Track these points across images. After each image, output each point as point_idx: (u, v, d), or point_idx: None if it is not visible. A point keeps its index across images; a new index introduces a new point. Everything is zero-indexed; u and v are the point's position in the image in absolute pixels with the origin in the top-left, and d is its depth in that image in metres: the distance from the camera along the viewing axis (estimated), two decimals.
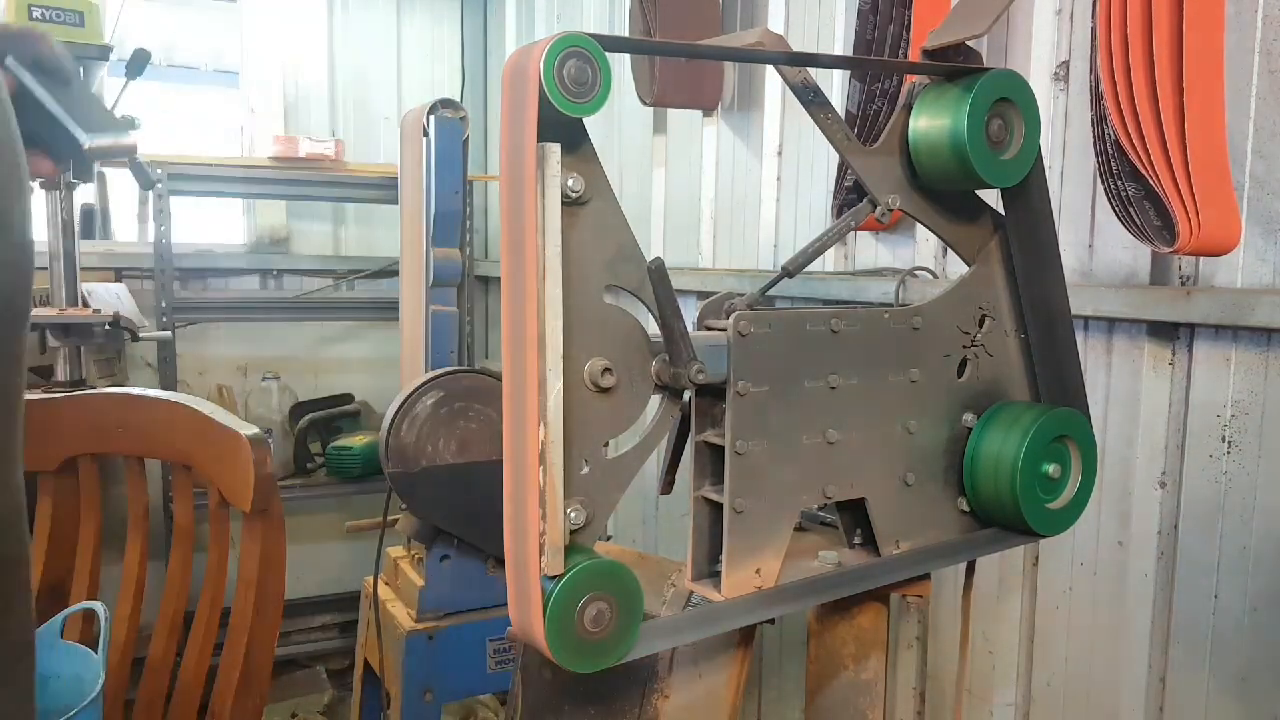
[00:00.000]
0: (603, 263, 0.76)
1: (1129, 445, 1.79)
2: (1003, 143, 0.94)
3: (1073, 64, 1.87)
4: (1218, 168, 1.48)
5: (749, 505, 0.85)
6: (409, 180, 3.49)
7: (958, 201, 1.00)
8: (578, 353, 0.74)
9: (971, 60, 0.94)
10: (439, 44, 4.68)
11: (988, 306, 1.01)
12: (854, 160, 0.94)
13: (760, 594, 0.87)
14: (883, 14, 2.13)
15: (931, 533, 0.99)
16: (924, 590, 1.02)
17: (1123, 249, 1.78)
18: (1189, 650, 1.71)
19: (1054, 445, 0.99)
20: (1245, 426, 1.61)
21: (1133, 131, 1.48)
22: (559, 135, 0.71)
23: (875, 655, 1.03)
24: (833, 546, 0.96)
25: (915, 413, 0.96)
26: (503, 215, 0.74)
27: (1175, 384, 1.70)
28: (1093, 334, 1.85)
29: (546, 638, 0.71)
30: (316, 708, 3.59)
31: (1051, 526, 1.00)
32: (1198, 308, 1.58)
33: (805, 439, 0.88)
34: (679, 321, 0.77)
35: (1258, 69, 1.56)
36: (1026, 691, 2.04)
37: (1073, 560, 1.91)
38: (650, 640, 0.78)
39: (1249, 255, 1.59)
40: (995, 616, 2.07)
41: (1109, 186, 1.57)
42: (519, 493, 0.73)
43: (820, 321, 0.88)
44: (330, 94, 4.40)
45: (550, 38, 0.68)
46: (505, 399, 0.74)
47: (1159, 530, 1.73)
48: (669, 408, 0.82)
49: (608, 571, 0.73)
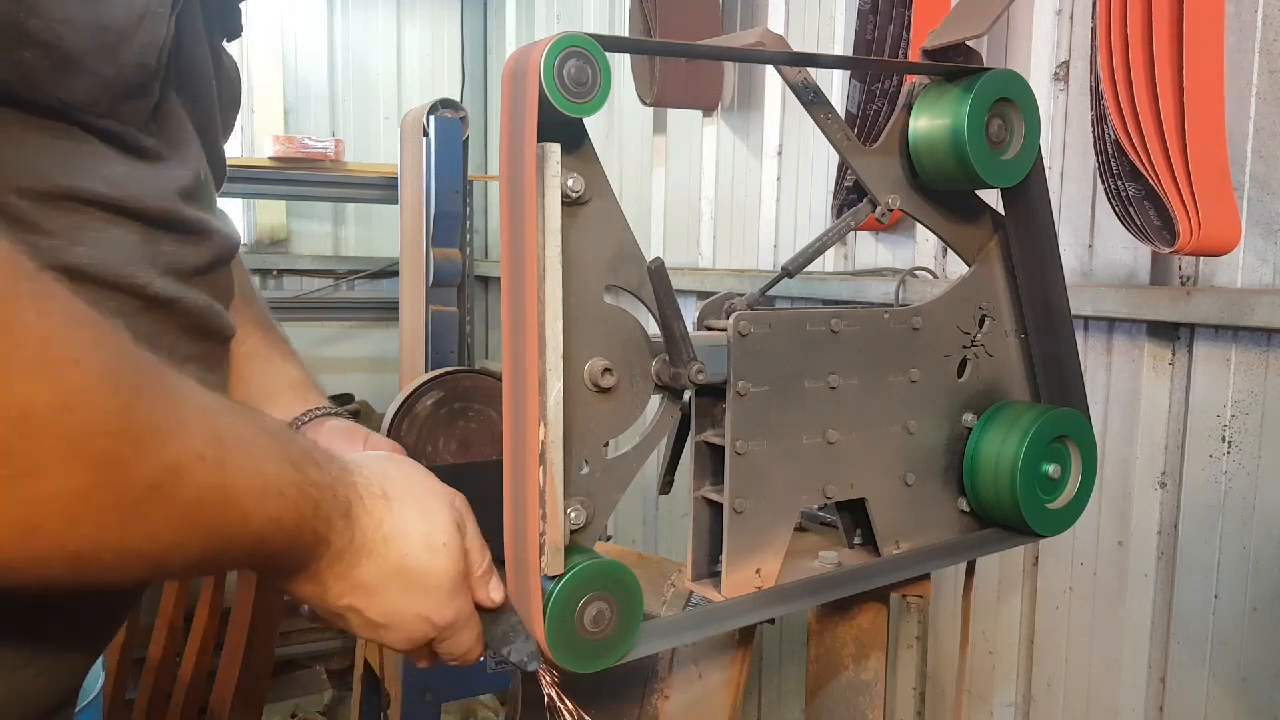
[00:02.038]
0: (603, 263, 0.76)
1: (1129, 445, 1.79)
2: (1003, 143, 0.94)
3: (1073, 64, 1.87)
4: (1218, 168, 1.48)
5: (749, 505, 0.85)
6: (409, 180, 3.49)
7: (958, 201, 1.00)
8: (578, 353, 0.74)
9: (971, 60, 0.94)
10: (439, 44, 4.68)
11: (988, 306, 1.01)
12: (854, 160, 0.94)
13: (760, 594, 0.87)
14: (883, 14, 2.13)
15: (931, 533, 0.99)
16: (924, 590, 1.02)
17: (1123, 249, 1.78)
18: (1189, 650, 1.71)
19: (1054, 445, 0.99)
20: (1245, 426, 1.61)
21: (1133, 131, 1.48)
22: (559, 135, 0.71)
23: (875, 655, 1.03)
24: (833, 546, 0.96)
25: (915, 413, 0.95)
26: (503, 215, 0.74)
27: (1175, 384, 1.70)
28: (1093, 334, 1.85)
29: (547, 638, 0.71)
30: (316, 708, 3.59)
31: (1051, 526, 1.00)
32: (1198, 308, 1.58)
33: (805, 439, 0.88)
34: (679, 321, 0.77)
35: (1258, 69, 1.57)
36: (1026, 691, 2.04)
37: (1073, 560, 1.91)
38: (650, 640, 0.78)
39: (1249, 255, 1.59)
40: (995, 616, 2.07)
41: (1109, 186, 1.57)
42: (519, 493, 0.73)
43: (820, 321, 0.88)
44: (330, 94, 4.40)
45: (550, 38, 0.68)
46: (505, 399, 0.74)
47: (1159, 530, 1.73)
48: (669, 408, 0.82)
49: (608, 571, 0.73)
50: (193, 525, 0.54)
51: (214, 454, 0.54)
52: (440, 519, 0.72)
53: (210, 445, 0.54)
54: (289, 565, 0.64)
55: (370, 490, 0.68)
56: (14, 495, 0.46)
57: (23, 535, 0.47)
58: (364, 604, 0.68)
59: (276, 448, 0.61)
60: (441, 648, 0.75)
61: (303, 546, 0.63)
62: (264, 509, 0.58)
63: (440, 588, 0.71)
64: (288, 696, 3.59)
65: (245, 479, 0.57)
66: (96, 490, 0.49)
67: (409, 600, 0.70)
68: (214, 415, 0.56)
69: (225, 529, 0.57)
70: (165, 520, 0.53)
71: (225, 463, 0.55)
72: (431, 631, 0.72)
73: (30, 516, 0.47)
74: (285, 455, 0.61)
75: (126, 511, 0.50)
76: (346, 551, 0.66)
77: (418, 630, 0.71)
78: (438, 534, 0.71)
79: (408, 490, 0.71)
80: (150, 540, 0.53)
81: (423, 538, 0.70)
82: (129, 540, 0.52)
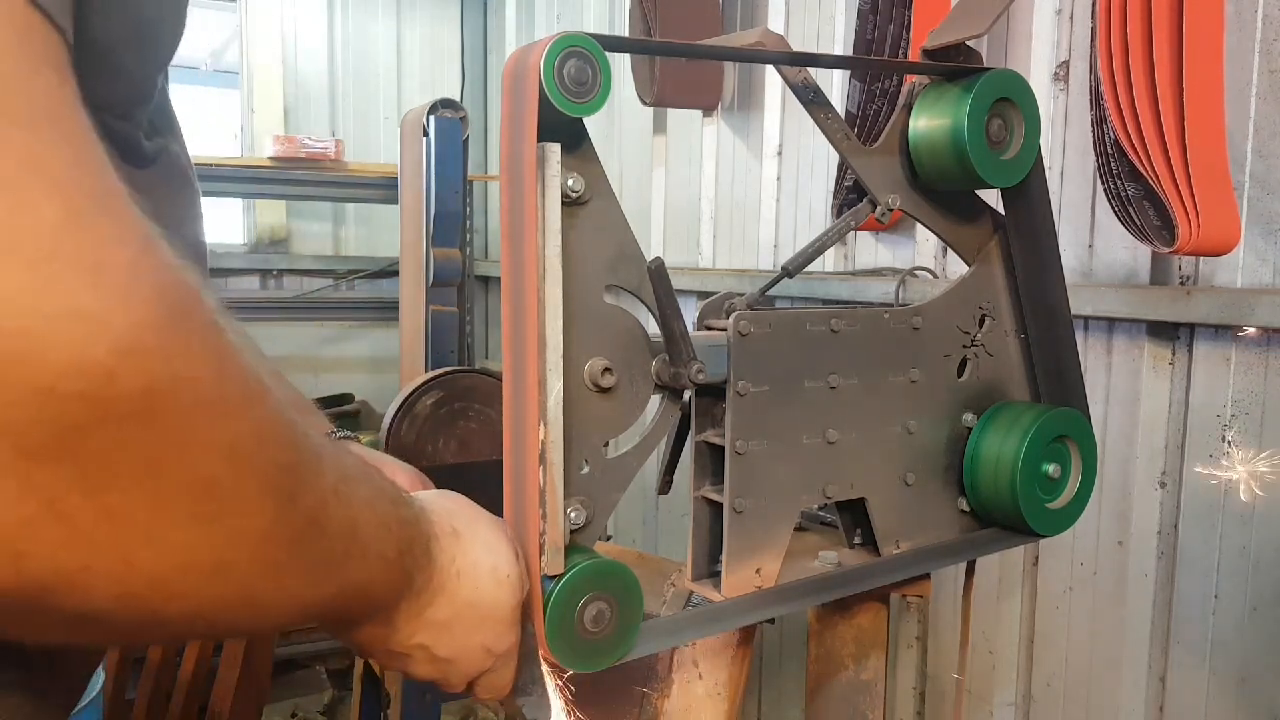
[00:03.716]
0: (603, 263, 0.76)
1: (1129, 445, 1.79)
2: (1003, 143, 0.94)
3: (1073, 64, 1.87)
4: (1217, 168, 1.48)
5: (749, 505, 0.85)
6: (409, 180, 3.49)
7: (958, 201, 1.00)
8: (578, 353, 0.74)
9: (971, 60, 0.94)
10: (439, 44, 4.68)
11: (988, 306, 1.01)
12: (854, 160, 0.94)
13: (760, 594, 0.87)
14: (883, 14, 2.13)
15: (931, 533, 0.99)
16: (924, 590, 1.02)
17: (1123, 249, 1.78)
18: (1189, 650, 1.71)
19: (1054, 445, 0.99)
20: (1245, 426, 1.61)
21: (1133, 131, 1.48)
22: (559, 135, 0.70)
23: (875, 655, 1.03)
24: (833, 546, 0.96)
25: (915, 413, 0.95)
26: (503, 215, 0.74)
27: (1175, 384, 1.70)
28: (1093, 334, 1.85)
29: (546, 638, 0.71)
30: (316, 708, 3.58)
31: (1051, 526, 1.00)
32: (1198, 308, 1.58)
33: (805, 439, 0.88)
34: (679, 321, 0.77)
35: (1258, 69, 1.56)
36: (1026, 691, 2.04)
37: (1073, 560, 1.91)
38: (650, 640, 0.78)
39: (1249, 255, 1.59)
40: (995, 616, 2.07)
41: (1109, 186, 1.57)
42: (519, 493, 0.73)
43: (820, 321, 0.88)
44: (330, 94, 4.40)
45: (550, 38, 0.68)
46: (505, 399, 0.74)
47: (1159, 530, 1.73)
48: (669, 408, 0.82)
49: (608, 571, 0.73)
50: (330, 564, 0.52)
51: (344, 489, 0.53)
52: (503, 551, 0.71)
53: (339, 479, 0.53)
54: (373, 609, 0.62)
55: (443, 528, 0.68)
56: (216, 533, 0.44)
57: (213, 574, 0.45)
58: (434, 640, 0.67)
59: (377, 482, 0.59)
60: (484, 680, 0.74)
61: (394, 586, 0.61)
62: (378, 546, 0.57)
63: (504, 620, 0.70)
64: (288, 696, 3.58)
65: (366, 514, 0.55)
66: (276, 527, 0.47)
67: (475, 634, 0.69)
68: (328, 447, 0.54)
69: (348, 567, 0.54)
70: (317, 557, 0.51)
71: (351, 498, 0.54)
72: (489, 663, 0.71)
73: (224, 554, 0.44)
74: (384, 491, 0.60)
75: (293, 551, 0.49)
76: (425, 590, 0.65)
77: (480, 663, 0.71)
78: (503, 566, 0.70)
79: (473, 525, 0.71)
80: (305, 581, 0.51)
81: (490, 570, 0.69)
82: (287, 581, 0.50)
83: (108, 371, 0.37)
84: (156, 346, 0.39)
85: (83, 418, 0.37)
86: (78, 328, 0.36)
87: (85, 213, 0.38)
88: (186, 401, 0.41)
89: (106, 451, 0.38)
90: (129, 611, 0.43)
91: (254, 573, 0.47)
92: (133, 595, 0.42)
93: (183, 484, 0.41)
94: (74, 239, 0.37)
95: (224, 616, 0.48)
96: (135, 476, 0.40)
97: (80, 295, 0.36)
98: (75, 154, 0.39)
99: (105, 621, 0.43)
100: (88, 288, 0.37)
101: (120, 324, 0.37)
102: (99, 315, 0.37)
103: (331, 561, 0.53)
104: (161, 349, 0.39)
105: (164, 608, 0.44)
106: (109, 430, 0.38)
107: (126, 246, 0.39)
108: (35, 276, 0.35)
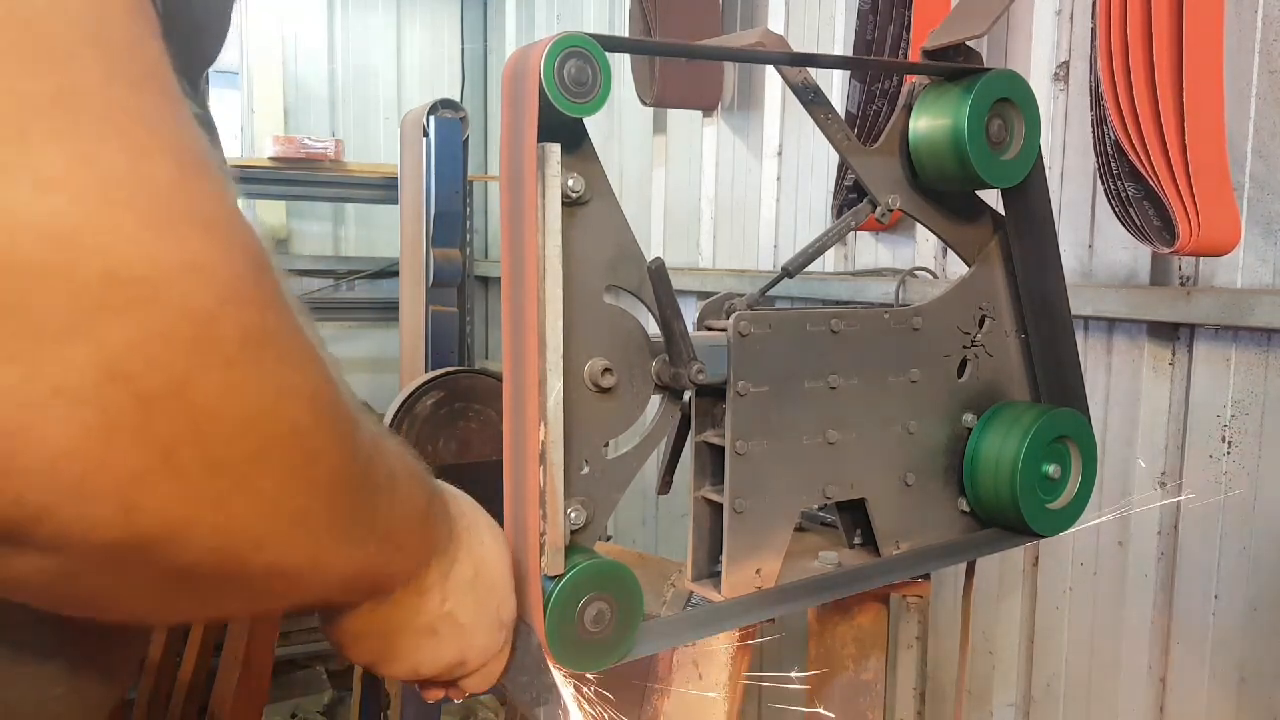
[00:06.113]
0: (603, 263, 0.76)
1: (1129, 445, 1.79)
2: (1003, 143, 0.94)
3: (1073, 64, 1.87)
4: (1217, 168, 1.48)
5: (749, 505, 0.85)
6: (409, 180, 3.49)
7: (958, 201, 1.00)
8: (578, 353, 0.74)
9: (971, 60, 0.94)
10: (439, 44, 4.68)
11: (988, 306, 1.01)
12: (854, 160, 0.94)
13: (760, 594, 0.87)
14: (883, 14, 2.13)
15: (931, 533, 0.99)
16: (924, 590, 1.02)
17: (1123, 249, 1.78)
18: (1189, 650, 1.71)
19: (1054, 445, 0.99)
20: (1245, 426, 1.61)
21: (1133, 132, 1.48)
22: (559, 135, 0.70)
23: (875, 655, 1.03)
24: (833, 546, 0.96)
25: (915, 413, 0.95)
26: (503, 215, 0.74)
27: (1175, 384, 1.70)
28: (1093, 334, 1.85)
29: (547, 638, 0.71)
30: (316, 708, 3.58)
31: (1051, 526, 1.00)
32: (1198, 308, 1.58)
33: (805, 439, 0.88)
34: (679, 321, 0.77)
35: (1258, 69, 1.57)
36: (1026, 691, 2.04)
37: (1073, 560, 1.91)
38: (650, 640, 0.78)
39: (1249, 255, 1.59)
40: (995, 616, 2.07)
41: (1109, 187, 1.57)
42: (519, 493, 0.73)
43: (820, 321, 0.88)
44: (330, 94, 4.40)
45: (550, 38, 0.68)
46: (505, 399, 0.74)
47: (1159, 530, 1.73)
48: (669, 408, 0.82)
49: (608, 571, 0.73)
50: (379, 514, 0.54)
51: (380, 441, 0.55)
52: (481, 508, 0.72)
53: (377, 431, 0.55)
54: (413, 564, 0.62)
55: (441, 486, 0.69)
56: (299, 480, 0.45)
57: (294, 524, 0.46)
58: (458, 605, 0.66)
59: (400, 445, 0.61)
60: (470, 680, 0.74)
61: (428, 540, 0.63)
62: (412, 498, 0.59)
63: (509, 581, 0.71)
64: (288, 696, 3.59)
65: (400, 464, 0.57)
66: (342, 474, 0.49)
67: (491, 596, 0.69)
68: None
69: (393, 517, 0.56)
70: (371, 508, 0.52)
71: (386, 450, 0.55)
72: (500, 639, 0.71)
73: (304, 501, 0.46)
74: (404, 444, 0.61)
75: (354, 500, 0.50)
76: (449, 546, 0.65)
77: (493, 637, 0.70)
78: (493, 521, 0.72)
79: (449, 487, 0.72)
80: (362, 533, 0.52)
81: (488, 525, 0.71)
82: (351, 530, 0.51)
83: (214, 317, 0.39)
84: (253, 296, 0.41)
85: (195, 364, 0.38)
86: (191, 277, 0.38)
87: (192, 169, 0.40)
88: (278, 349, 0.43)
89: (214, 400, 0.40)
90: (219, 565, 0.44)
91: (324, 522, 0.48)
92: (226, 549, 0.44)
93: (277, 433, 0.43)
94: (186, 194, 0.39)
95: (293, 572, 0.49)
96: (238, 425, 0.41)
97: (193, 246, 0.38)
98: (181, 116, 0.41)
99: (192, 578, 0.44)
100: (200, 239, 0.39)
101: (225, 274, 0.39)
102: (208, 265, 0.39)
103: (380, 511, 0.54)
104: (257, 298, 0.41)
105: (251, 559, 0.45)
106: (215, 377, 0.39)
107: (225, 203, 0.41)
108: (153, 228, 0.37)
